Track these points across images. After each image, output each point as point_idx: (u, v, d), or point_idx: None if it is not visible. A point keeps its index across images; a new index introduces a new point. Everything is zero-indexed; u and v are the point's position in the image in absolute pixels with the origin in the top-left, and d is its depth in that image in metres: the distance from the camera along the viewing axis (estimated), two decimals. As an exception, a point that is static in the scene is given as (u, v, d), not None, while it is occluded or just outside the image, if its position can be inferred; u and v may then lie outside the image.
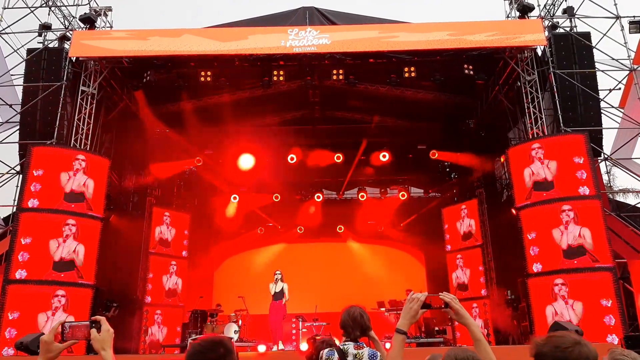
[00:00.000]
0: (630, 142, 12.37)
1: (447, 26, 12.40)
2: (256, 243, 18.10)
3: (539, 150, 11.40)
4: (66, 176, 11.13)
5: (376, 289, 15.55)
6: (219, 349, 2.01)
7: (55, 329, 2.04)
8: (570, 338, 1.86)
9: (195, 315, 12.98)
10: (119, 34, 12.59)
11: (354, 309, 3.52)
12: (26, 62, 12.34)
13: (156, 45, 12.13)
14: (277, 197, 17.28)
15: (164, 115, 14.82)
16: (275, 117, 15.59)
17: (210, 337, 2.11)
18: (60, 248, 10.71)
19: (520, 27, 12.43)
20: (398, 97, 14.48)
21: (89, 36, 12.64)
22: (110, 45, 12.31)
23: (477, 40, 12.01)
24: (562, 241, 10.69)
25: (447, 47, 12.07)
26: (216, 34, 12.56)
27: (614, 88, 13.01)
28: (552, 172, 11.14)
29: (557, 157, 11.15)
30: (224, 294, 16.01)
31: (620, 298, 10.14)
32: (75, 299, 10.61)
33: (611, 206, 12.50)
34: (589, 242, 10.51)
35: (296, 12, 13.63)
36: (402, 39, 12.22)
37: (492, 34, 12.06)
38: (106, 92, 13.18)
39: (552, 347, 1.88)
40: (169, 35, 12.43)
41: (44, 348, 2.02)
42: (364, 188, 17.63)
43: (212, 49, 12.18)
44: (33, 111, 11.98)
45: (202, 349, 2.03)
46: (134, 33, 12.49)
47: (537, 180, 11.28)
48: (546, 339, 1.91)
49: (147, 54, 12.18)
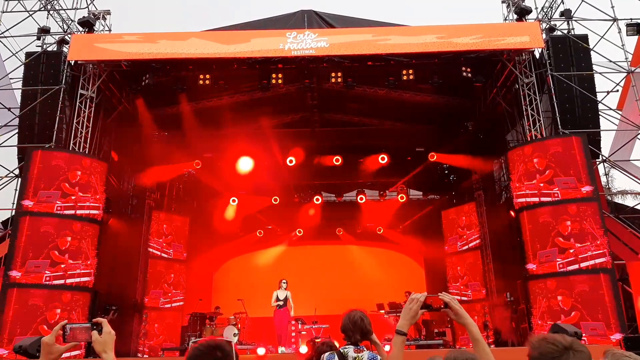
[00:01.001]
0: (628, 144, 12.40)
1: (439, 29, 12.42)
2: (255, 246, 18.12)
3: (537, 153, 11.43)
4: (65, 180, 11.13)
5: (375, 291, 15.56)
6: (216, 353, 2.03)
7: (57, 330, 2.04)
8: (561, 343, 1.86)
9: (194, 318, 12.98)
10: (128, 37, 12.55)
11: (355, 313, 3.53)
12: (25, 66, 12.35)
13: (160, 48, 12.16)
14: (276, 199, 17.30)
15: (163, 118, 14.84)
16: (274, 120, 15.61)
17: (209, 341, 2.13)
18: (58, 252, 10.70)
19: (516, 29, 12.46)
20: (396, 100, 14.51)
21: (89, 39, 12.65)
22: (110, 48, 12.31)
23: (466, 42, 12.02)
24: (561, 243, 10.70)
25: (438, 50, 12.10)
26: (220, 36, 12.59)
27: (612, 90, 13.08)
28: (550, 174, 11.16)
29: (555, 159, 11.17)
30: (223, 296, 16.00)
31: (619, 299, 10.15)
32: (74, 302, 10.60)
33: (610, 208, 12.52)
34: (588, 244, 10.53)
35: (295, 15, 13.66)
36: (395, 41, 12.23)
37: (482, 36, 12.06)
38: (105, 96, 13.19)
39: (541, 355, 1.89)
40: (176, 38, 12.47)
41: (45, 350, 2.03)
42: (363, 190, 17.64)
43: (215, 52, 12.20)
44: (32, 115, 11.99)
45: (200, 353, 2.05)
46: (142, 36, 12.48)
47: (535, 182, 11.30)
48: (538, 342, 1.92)
49: (148, 56, 12.19)
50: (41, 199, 10.84)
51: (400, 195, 17.61)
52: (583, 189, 10.86)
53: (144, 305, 14.30)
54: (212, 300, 16.90)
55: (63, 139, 12.00)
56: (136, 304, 14.31)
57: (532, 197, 11.31)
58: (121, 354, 11.91)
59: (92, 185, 11.44)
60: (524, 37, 12.10)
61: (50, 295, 10.40)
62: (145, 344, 13.87)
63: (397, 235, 18.01)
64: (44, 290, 10.36)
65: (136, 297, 14.42)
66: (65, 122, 12.14)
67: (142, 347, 13.78)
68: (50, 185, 10.97)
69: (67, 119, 12.21)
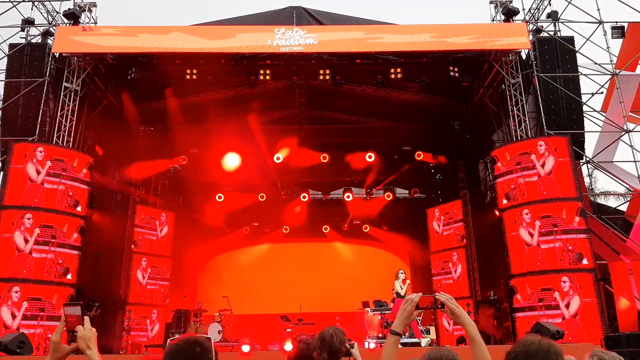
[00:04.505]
0: (612, 146, 12.56)
1: (431, 28, 12.49)
2: (241, 243, 18.02)
3: (522, 152, 11.53)
4: (48, 173, 10.97)
5: (361, 288, 15.56)
6: (195, 348, 2.02)
7: (61, 329, 2.08)
8: (533, 352, 1.91)
9: (178, 315, 12.88)
10: (106, 30, 12.44)
11: (327, 330, 3.30)
12: (8, 58, 12.13)
13: (143, 42, 12.03)
14: (262, 196, 17.22)
15: (149, 113, 14.68)
16: (261, 116, 15.52)
17: (187, 337, 2.12)
18: (40, 246, 10.55)
19: (505, 30, 12.56)
20: (384, 98, 14.53)
21: (74, 32, 12.47)
22: (95, 41, 12.17)
23: (458, 42, 12.10)
24: (544, 242, 10.81)
25: (430, 49, 12.15)
26: (204, 31, 12.49)
27: (597, 92, 13.22)
28: (534, 173, 11.26)
29: (539, 159, 11.27)
30: (208, 293, 15.90)
31: (600, 299, 10.29)
32: (57, 297, 10.46)
33: (592, 208, 12.68)
34: (570, 243, 10.65)
35: (283, 11, 13.60)
36: (387, 40, 12.27)
37: (474, 36, 12.17)
38: (90, 89, 13.01)
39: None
40: (157, 32, 12.34)
41: (52, 347, 2.08)
42: (349, 188, 17.65)
43: (199, 47, 12.11)
44: (15, 107, 11.79)
45: (178, 349, 2.04)
46: (121, 29, 12.37)
47: (520, 182, 11.39)
48: (514, 354, 1.99)
49: (133, 50, 12.07)
50: (23, 193, 10.68)
51: (386, 194, 17.67)
52: (566, 189, 11.01)
53: (127, 302, 14.17)
54: (196, 297, 16.76)
55: (46, 132, 11.83)
56: (119, 300, 14.17)
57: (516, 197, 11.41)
58: (104, 350, 11.77)
59: (75, 180, 11.29)
60: (519, 38, 12.19)
61: (27, 290, 10.26)
62: (128, 340, 13.74)
63: (383, 233, 18.05)
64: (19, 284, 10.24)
65: (119, 293, 14.28)
66: (49, 116, 11.96)
67: (125, 344, 13.65)
68: (32, 179, 10.80)
69: (51, 112, 12.03)
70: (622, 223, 12.54)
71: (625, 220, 12.78)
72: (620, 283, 11.30)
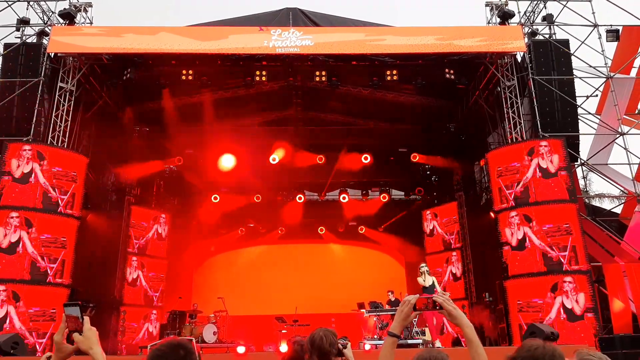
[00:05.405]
0: (606, 148, 12.63)
1: (436, 30, 12.49)
2: (237, 244, 18.00)
3: (517, 154, 11.57)
4: (43, 173, 10.92)
5: (356, 290, 15.57)
6: (179, 351, 2.01)
7: (64, 328, 2.07)
8: (539, 356, 1.93)
9: (173, 316, 12.84)
10: (91, 30, 12.40)
11: (318, 331, 3.24)
12: (3, 57, 12.09)
13: (132, 42, 11.97)
14: (258, 197, 17.21)
15: (144, 113, 14.64)
16: (258, 117, 15.52)
17: (170, 340, 2.10)
18: (34, 247, 10.50)
19: (501, 33, 12.60)
20: (380, 100, 14.55)
21: (67, 32, 12.43)
22: (88, 41, 12.12)
23: (464, 45, 12.12)
24: (539, 244, 10.85)
25: (435, 51, 12.14)
26: (195, 32, 12.43)
27: (591, 95, 13.29)
28: (529, 176, 11.31)
29: (534, 161, 11.31)
30: (204, 294, 15.87)
31: (595, 301, 10.34)
32: (52, 299, 10.41)
33: (587, 211, 12.74)
34: (566, 245, 10.69)
35: (279, 12, 13.61)
36: (390, 42, 12.26)
37: (480, 39, 12.19)
38: (85, 89, 12.97)
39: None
40: (145, 32, 12.29)
41: (56, 347, 2.10)
42: (345, 190, 17.67)
43: (191, 48, 12.08)
44: (10, 107, 11.74)
45: (161, 354, 2.02)
46: (106, 29, 12.31)
47: (515, 183, 11.43)
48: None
49: (127, 51, 12.02)
50: (18, 193, 10.62)
51: (382, 195, 17.69)
52: (561, 191, 11.04)
53: (122, 303, 14.11)
54: (192, 298, 16.71)
55: (41, 132, 11.78)
56: (114, 301, 14.11)
57: (511, 199, 11.45)
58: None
59: (70, 180, 11.25)
60: (514, 42, 12.22)
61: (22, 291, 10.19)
62: (123, 341, 13.69)
63: (379, 235, 18.08)
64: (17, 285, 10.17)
65: (114, 294, 14.21)
66: (44, 116, 11.93)
67: (120, 345, 13.60)
68: (27, 179, 10.75)
69: (46, 112, 12.00)
70: (616, 225, 12.60)
71: (619, 222, 12.85)
72: (614, 285, 11.34)
